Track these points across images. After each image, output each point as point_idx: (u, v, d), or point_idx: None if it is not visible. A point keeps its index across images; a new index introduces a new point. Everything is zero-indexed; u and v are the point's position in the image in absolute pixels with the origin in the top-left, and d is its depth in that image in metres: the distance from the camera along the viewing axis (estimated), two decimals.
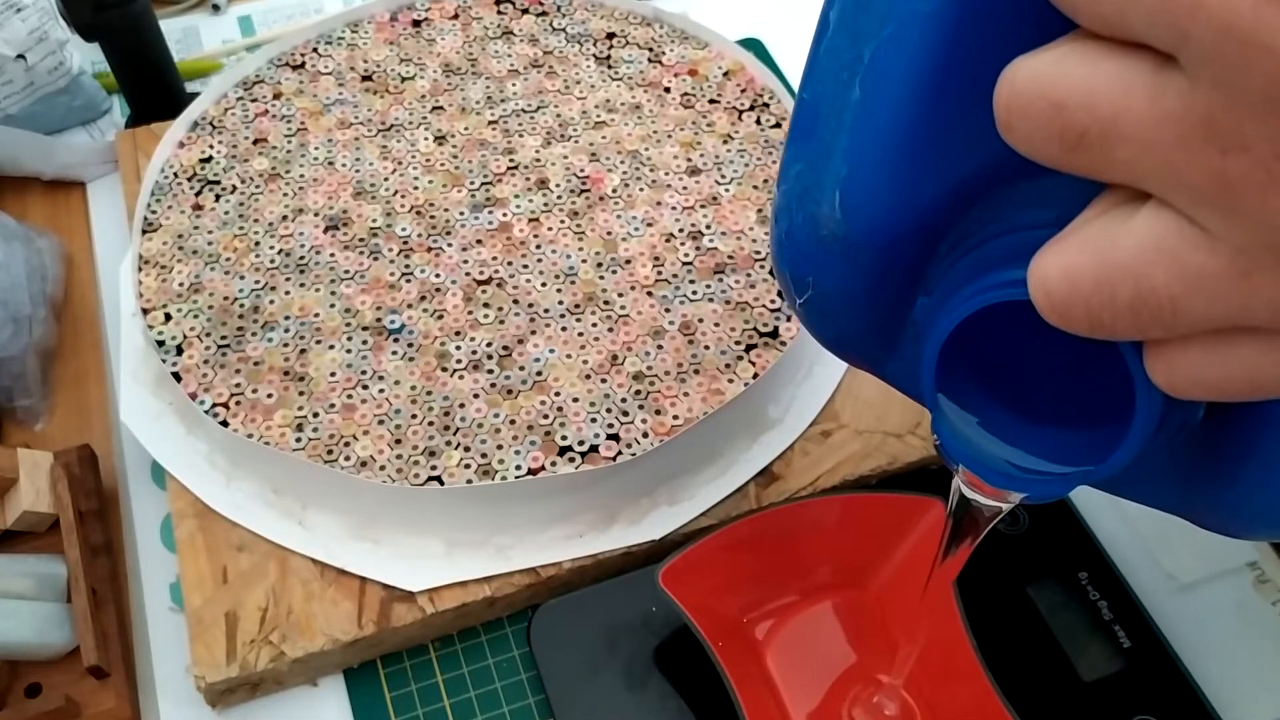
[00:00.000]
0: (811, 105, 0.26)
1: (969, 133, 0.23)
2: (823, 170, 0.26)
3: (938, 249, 0.26)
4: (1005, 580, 0.45)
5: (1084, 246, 0.19)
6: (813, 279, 0.28)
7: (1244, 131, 0.16)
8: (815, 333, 0.30)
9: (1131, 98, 0.17)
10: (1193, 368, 0.19)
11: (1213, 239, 0.17)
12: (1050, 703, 0.41)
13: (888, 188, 0.25)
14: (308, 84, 0.57)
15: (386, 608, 0.42)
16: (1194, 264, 0.18)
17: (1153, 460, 0.26)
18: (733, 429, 0.47)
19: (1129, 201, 0.19)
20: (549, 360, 0.47)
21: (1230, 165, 0.16)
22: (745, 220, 0.51)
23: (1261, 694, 0.43)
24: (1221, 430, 0.25)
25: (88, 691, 0.41)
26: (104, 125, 0.62)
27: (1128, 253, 0.18)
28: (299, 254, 0.50)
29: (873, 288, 0.27)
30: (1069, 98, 0.18)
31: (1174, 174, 0.17)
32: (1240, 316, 0.18)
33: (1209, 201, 0.17)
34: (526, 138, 0.55)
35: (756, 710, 0.40)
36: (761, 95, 0.56)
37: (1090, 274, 0.19)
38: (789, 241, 0.28)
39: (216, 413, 0.45)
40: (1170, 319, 0.18)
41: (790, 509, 0.44)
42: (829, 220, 0.26)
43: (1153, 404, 0.22)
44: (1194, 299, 0.18)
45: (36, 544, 0.45)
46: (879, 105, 0.24)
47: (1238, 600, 0.46)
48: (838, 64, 0.25)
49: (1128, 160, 0.18)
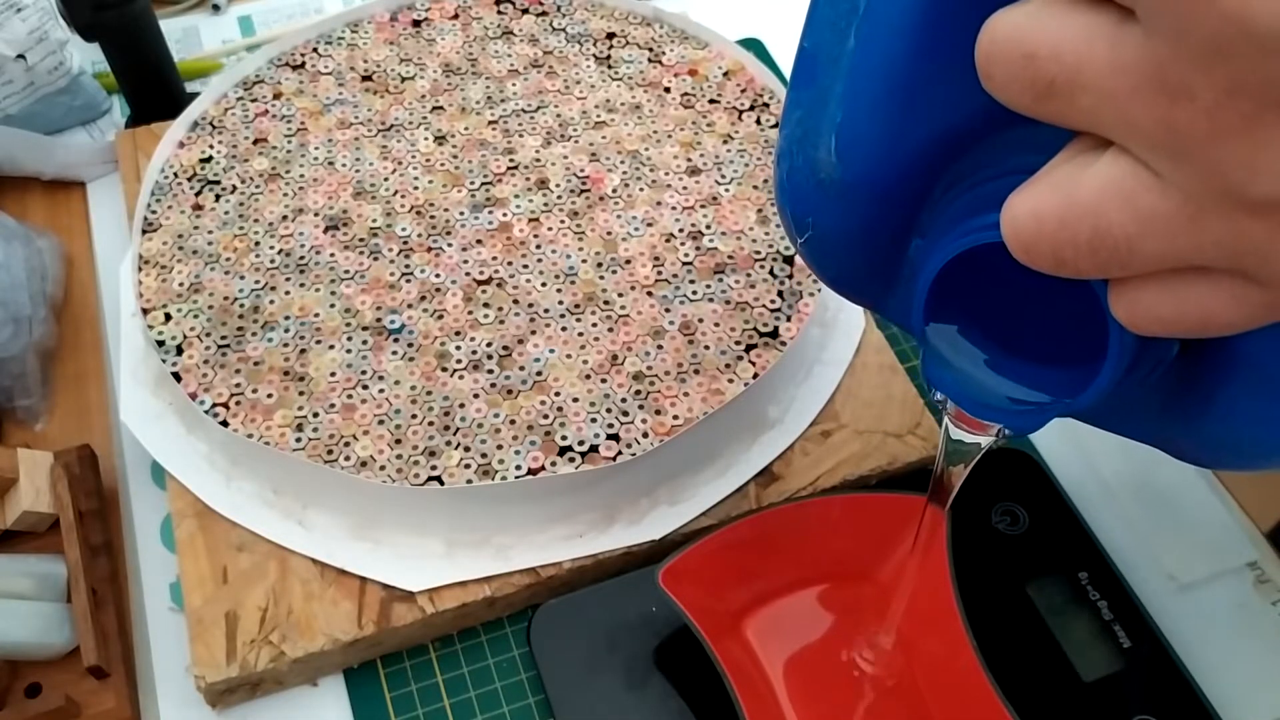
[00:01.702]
0: (810, 53, 0.27)
1: (958, 81, 0.23)
2: (820, 116, 0.27)
3: (931, 193, 0.27)
4: (1005, 580, 0.45)
5: (1050, 188, 0.20)
6: (812, 220, 0.29)
7: (1190, 81, 0.17)
8: (816, 271, 0.31)
9: (1094, 49, 0.18)
10: (1150, 305, 0.21)
11: (1164, 183, 0.18)
12: (1050, 703, 0.41)
13: (881, 133, 0.26)
14: (308, 84, 0.57)
15: (386, 608, 0.42)
16: (1147, 205, 0.19)
17: (1131, 393, 0.27)
18: (733, 429, 0.47)
19: (1094, 148, 0.20)
20: (549, 360, 0.47)
21: (1177, 113, 0.17)
22: (745, 220, 0.51)
23: (1261, 694, 0.44)
24: (1196, 365, 0.26)
25: (88, 691, 0.41)
26: (104, 125, 0.62)
27: (1088, 194, 0.19)
28: (299, 254, 0.50)
29: (869, 229, 0.28)
30: (1039, 48, 0.19)
31: (1129, 121, 0.18)
32: (1191, 256, 0.19)
33: (1159, 147, 0.18)
34: (526, 138, 0.55)
35: (756, 710, 0.40)
36: (761, 95, 0.56)
37: (1054, 214, 0.20)
38: (789, 184, 0.29)
39: (216, 413, 0.45)
40: (1126, 257, 0.20)
41: (790, 509, 0.44)
42: (826, 164, 0.27)
43: (1125, 340, 0.23)
44: (1147, 239, 0.19)
45: (36, 544, 0.45)
46: (872, 54, 0.25)
47: (1238, 600, 0.46)
48: (835, 13, 0.26)
49: (1089, 108, 0.19)
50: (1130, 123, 0.18)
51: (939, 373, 0.28)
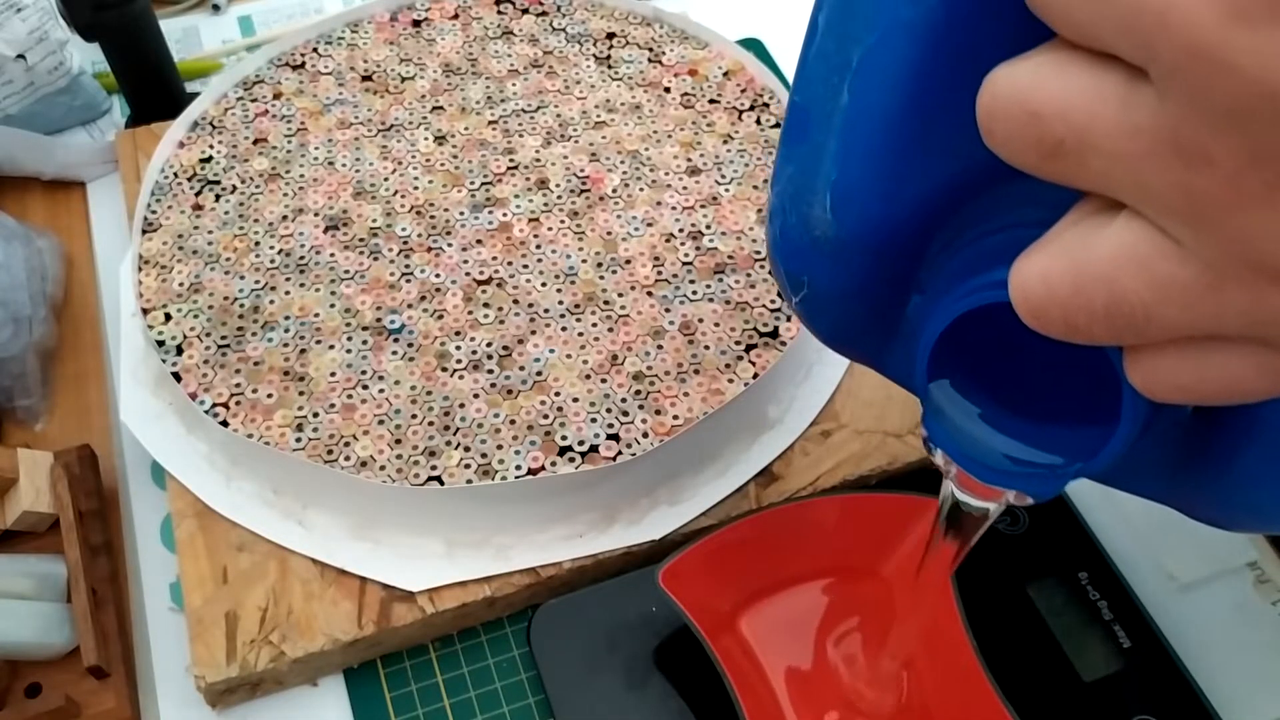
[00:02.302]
0: (802, 108, 0.26)
1: (956, 136, 0.23)
2: (814, 173, 0.26)
3: (929, 248, 0.26)
4: (1005, 580, 0.45)
5: (1061, 252, 0.19)
6: (808, 278, 0.28)
7: (1209, 147, 0.16)
8: (812, 329, 0.30)
9: (1104, 109, 0.17)
10: (1169, 373, 0.20)
11: (1183, 250, 0.17)
12: (1050, 703, 0.41)
13: (877, 190, 0.25)
14: (308, 84, 0.57)
15: (386, 608, 0.42)
16: (1165, 273, 0.18)
17: (1143, 453, 0.26)
18: (733, 429, 0.47)
19: (1106, 209, 0.19)
20: (549, 360, 0.47)
21: (1196, 180, 0.16)
22: (745, 220, 0.51)
23: (1261, 694, 0.44)
24: (1211, 425, 0.25)
25: (88, 691, 0.41)
26: (104, 125, 0.62)
27: (1102, 260, 0.18)
28: (299, 254, 0.50)
29: (866, 287, 0.27)
30: (1045, 107, 0.18)
31: (1144, 186, 0.17)
32: (1213, 325, 0.18)
33: (1177, 215, 0.17)
34: (526, 138, 0.55)
35: (756, 710, 0.40)
36: (761, 95, 0.56)
37: (1067, 280, 0.19)
38: (783, 241, 0.28)
39: (216, 413, 0.45)
40: (1144, 326, 0.18)
41: (790, 509, 0.44)
42: (821, 222, 0.26)
43: (1138, 404, 0.22)
44: (1166, 307, 0.18)
45: (36, 544, 0.45)
46: (867, 109, 0.24)
47: (1238, 600, 0.46)
48: (827, 68, 0.25)
49: (1101, 170, 0.18)
50: (1145, 187, 0.17)
51: (942, 431, 0.27)
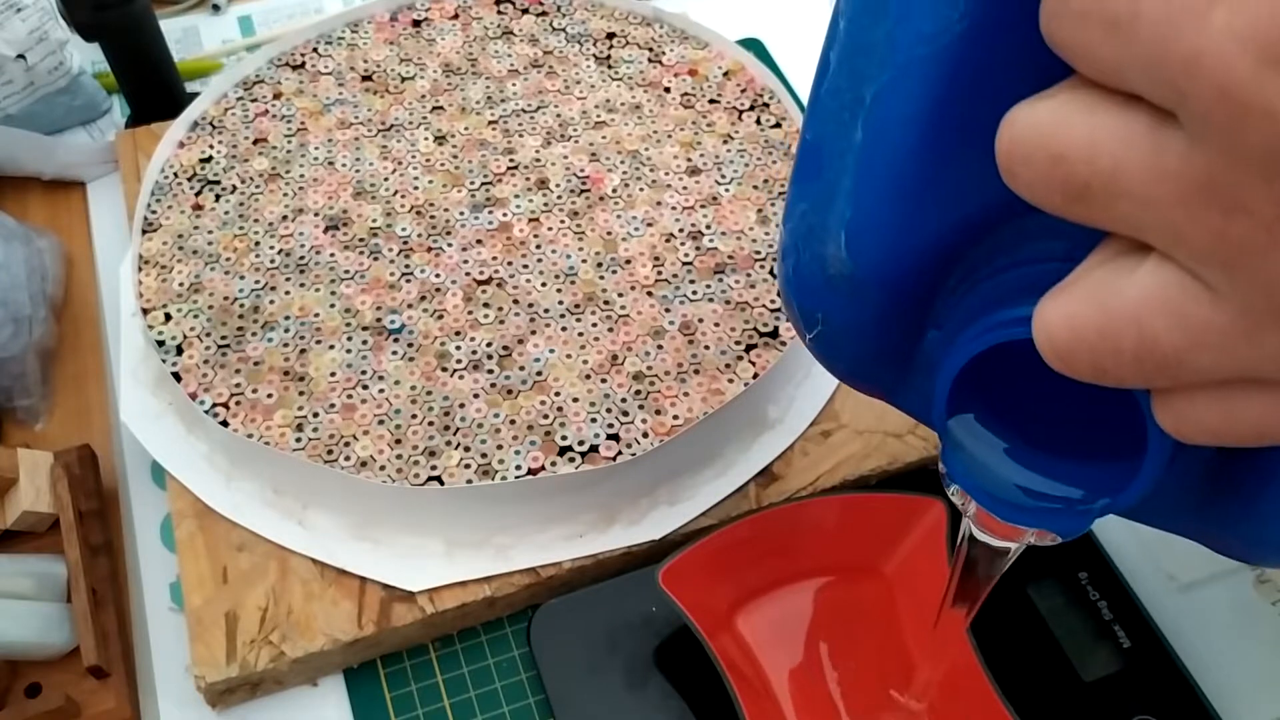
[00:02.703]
0: (815, 146, 0.26)
1: (973, 173, 0.22)
2: (827, 211, 0.26)
3: (946, 284, 0.26)
4: (1005, 580, 0.45)
5: (1088, 296, 0.19)
6: (822, 315, 0.28)
7: (1244, 194, 0.16)
8: (828, 365, 0.29)
9: (1132, 153, 0.17)
10: (1199, 417, 0.19)
11: (1216, 295, 0.17)
12: (1050, 703, 0.41)
13: (892, 228, 0.25)
14: (308, 84, 0.57)
15: (386, 608, 0.42)
16: (1198, 319, 0.17)
17: (1169, 490, 0.26)
18: (733, 429, 0.47)
19: (1133, 250, 0.18)
20: (549, 360, 0.47)
21: (1231, 227, 0.16)
22: (745, 220, 0.51)
23: (1261, 694, 0.43)
24: (1237, 462, 0.25)
25: (88, 691, 0.41)
26: (104, 125, 0.62)
27: (1131, 304, 0.18)
28: (299, 254, 0.50)
29: (882, 323, 0.27)
30: (1069, 150, 0.17)
31: (1176, 231, 0.17)
32: (1246, 371, 0.18)
33: (1211, 260, 0.17)
34: (526, 138, 0.55)
35: (756, 710, 0.40)
36: (761, 95, 0.56)
37: (1094, 324, 0.18)
38: (797, 279, 0.28)
39: (216, 413, 0.45)
40: (1175, 371, 0.18)
41: (790, 509, 0.44)
42: (835, 260, 0.26)
43: (1164, 444, 0.22)
44: (1198, 353, 0.18)
45: (36, 544, 0.45)
46: (882, 147, 0.24)
47: (1238, 600, 0.46)
48: (839, 105, 0.25)
49: (1130, 214, 0.17)
50: (1176, 232, 0.17)
51: (961, 467, 0.26)
